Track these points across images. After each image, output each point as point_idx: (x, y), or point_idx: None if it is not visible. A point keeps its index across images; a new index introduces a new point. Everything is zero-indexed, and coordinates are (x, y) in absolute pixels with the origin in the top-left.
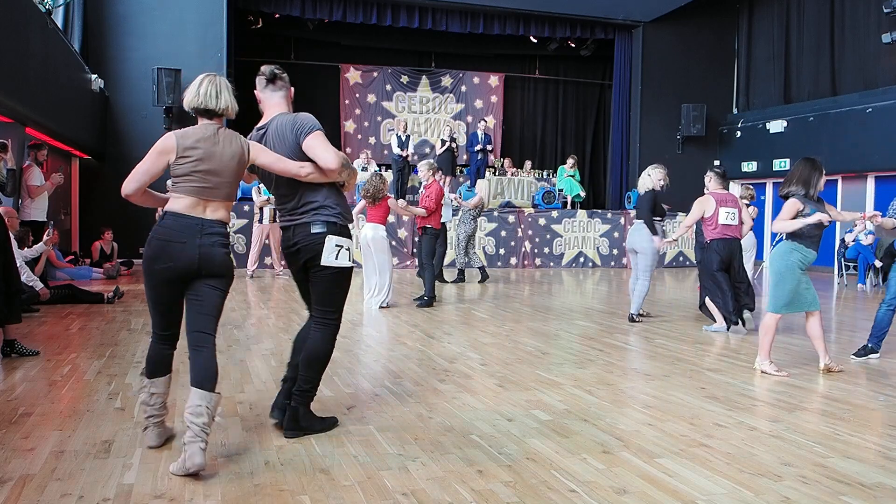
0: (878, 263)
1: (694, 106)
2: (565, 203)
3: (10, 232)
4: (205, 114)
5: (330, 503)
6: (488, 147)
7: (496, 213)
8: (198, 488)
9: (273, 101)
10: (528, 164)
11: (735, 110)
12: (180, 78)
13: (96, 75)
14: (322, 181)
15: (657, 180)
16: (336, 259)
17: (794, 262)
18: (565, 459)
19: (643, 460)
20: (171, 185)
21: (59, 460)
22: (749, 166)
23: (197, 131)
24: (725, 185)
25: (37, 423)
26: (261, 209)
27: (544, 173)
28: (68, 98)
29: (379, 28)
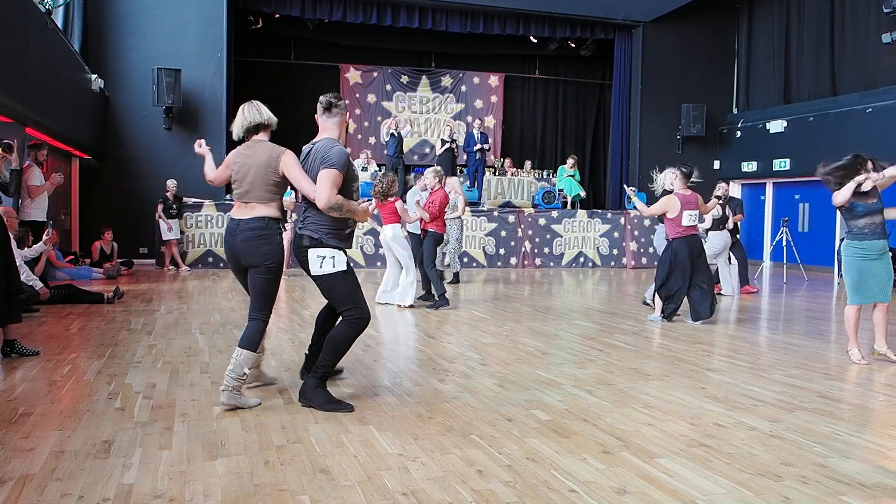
0: None
1: (694, 106)
2: (565, 203)
3: (9, 232)
4: (254, 130)
5: (330, 503)
6: (485, 146)
7: (496, 213)
8: (198, 488)
9: (327, 126)
10: (528, 164)
11: (735, 110)
12: (180, 78)
13: (96, 75)
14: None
15: (668, 182)
16: (321, 268)
17: (850, 257)
18: (565, 459)
19: (643, 460)
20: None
21: (59, 460)
22: (749, 166)
23: (240, 148)
24: (689, 183)
25: (37, 423)
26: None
27: (544, 173)
28: (68, 98)
29: (379, 28)
